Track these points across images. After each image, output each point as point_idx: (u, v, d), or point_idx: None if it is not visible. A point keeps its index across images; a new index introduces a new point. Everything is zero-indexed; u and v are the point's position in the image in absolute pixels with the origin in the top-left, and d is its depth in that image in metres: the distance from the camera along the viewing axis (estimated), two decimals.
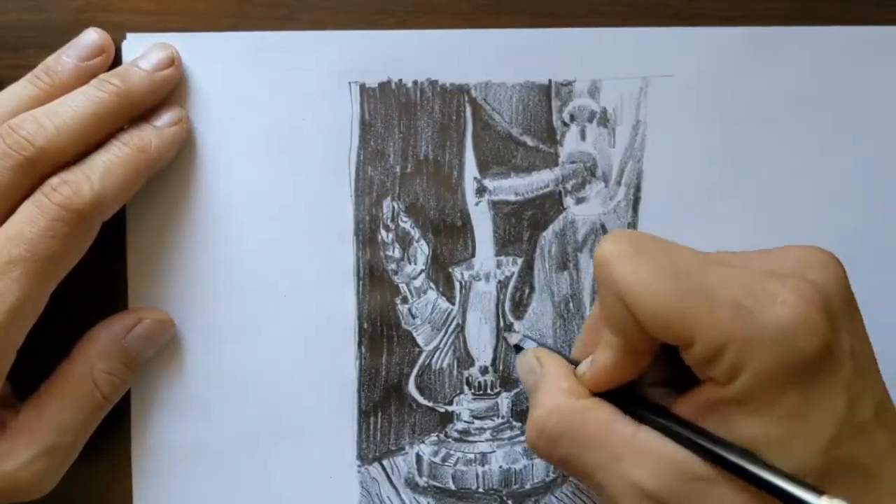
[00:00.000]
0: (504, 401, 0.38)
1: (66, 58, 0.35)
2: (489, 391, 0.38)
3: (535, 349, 0.34)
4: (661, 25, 0.37)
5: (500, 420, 0.39)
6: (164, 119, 0.36)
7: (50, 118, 0.33)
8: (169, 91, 0.36)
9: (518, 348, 0.36)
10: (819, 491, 0.26)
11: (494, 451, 0.38)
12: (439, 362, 0.38)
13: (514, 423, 0.39)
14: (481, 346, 0.38)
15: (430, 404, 0.38)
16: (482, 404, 0.38)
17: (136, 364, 0.37)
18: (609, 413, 0.30)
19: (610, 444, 0.29)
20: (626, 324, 0.29)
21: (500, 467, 0.38)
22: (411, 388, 0.38)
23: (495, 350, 0.38)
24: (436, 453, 0.38)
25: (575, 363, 0.32)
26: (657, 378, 0.31)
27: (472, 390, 0.38)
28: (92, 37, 0.36)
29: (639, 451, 0.29)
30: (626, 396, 0.31)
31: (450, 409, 0.38)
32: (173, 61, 0.36)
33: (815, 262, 0.29)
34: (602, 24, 0.37)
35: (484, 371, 0.38)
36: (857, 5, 0.37)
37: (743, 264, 0.29)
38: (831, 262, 0.29)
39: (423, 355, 0.38)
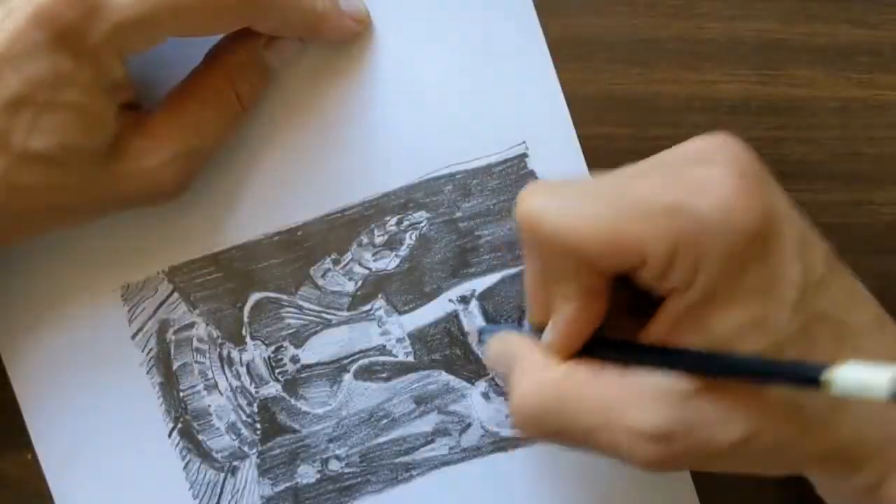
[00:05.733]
0: None
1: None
2: None
3: (499, 335, 0.34)
4: (661, 24, 0.37)
5: None
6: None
7: None
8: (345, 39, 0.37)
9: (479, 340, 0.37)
10: (818, 368, 0.25)
11: None
12: None
13: None
14: None
15: None
16: None
17: (269, 73, 0.36)
18: (585, 373, 0.30)
19: (595, 401, 0.29)
20: (574, 266, 0.28)
21: None
22: None
23: None
24: None
25: (539, 328, 0.31)
26: (619, 318, 0.30)
27: None
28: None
29: (625, 396, 0.28)
30: (598, 345, 0.30)
31: None
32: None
33: (720, 143, 0.28)
34: (601, 23, 0.37)
35: None
36: (857, 5, 0.37)
37: (658, 166, 0.29)
38: (730, 139, 0.29)
39: None
